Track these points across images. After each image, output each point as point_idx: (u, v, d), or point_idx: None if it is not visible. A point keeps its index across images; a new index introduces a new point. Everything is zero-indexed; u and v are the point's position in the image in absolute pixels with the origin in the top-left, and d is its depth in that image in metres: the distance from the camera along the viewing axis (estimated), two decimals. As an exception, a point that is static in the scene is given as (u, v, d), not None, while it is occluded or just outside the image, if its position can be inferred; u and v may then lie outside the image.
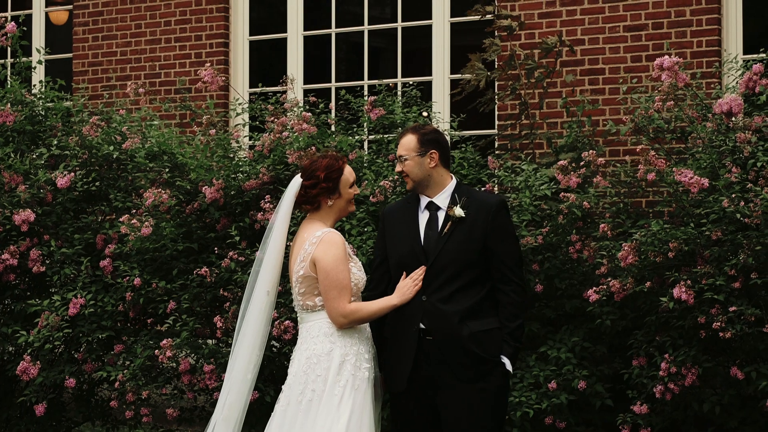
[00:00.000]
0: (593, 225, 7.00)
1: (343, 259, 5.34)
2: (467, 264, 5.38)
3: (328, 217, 5.48)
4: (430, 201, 5.52)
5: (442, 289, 5.38)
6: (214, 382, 6.98)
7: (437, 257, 5.41)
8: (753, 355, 6.54)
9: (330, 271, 5.31)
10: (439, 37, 9.41)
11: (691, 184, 6.43)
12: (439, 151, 5.52)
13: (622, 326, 6.87)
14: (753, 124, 6.71)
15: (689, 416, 6.68)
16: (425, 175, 5.50)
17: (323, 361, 5.35)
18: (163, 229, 7.30)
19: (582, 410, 6.91)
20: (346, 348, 5.36)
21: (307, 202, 5.49)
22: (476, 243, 5.39)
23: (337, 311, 5.32)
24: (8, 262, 7.32)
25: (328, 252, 5.32)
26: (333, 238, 5.36)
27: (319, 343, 5.37)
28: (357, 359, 5.37)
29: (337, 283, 5.31)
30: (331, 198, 5.45)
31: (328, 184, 5.43)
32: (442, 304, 5.38)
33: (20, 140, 7.99)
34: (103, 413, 8.02)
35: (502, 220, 5.46)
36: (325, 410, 5.30)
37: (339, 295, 5.31)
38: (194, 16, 10.19)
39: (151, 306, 7.40)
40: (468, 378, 5.36)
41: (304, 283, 5.42)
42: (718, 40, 8.47)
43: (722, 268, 6.37)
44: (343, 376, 5.33)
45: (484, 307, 5.41)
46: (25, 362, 7.19)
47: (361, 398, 5.32)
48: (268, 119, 7.58)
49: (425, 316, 5.40)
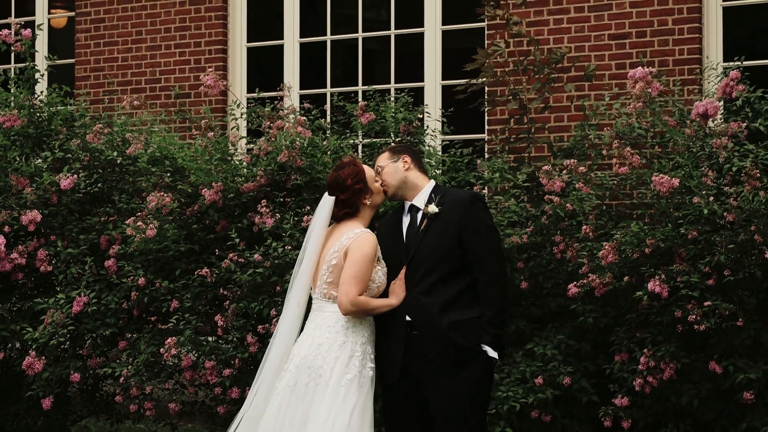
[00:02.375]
0: (576, 226, 7.27)
1: (371, 257, 5.69)
2: (444, 257, 5.69)
3: (364, 217, 5.86)
4: (410, 204, 5.85)
5: (423, 282, 5.70)
6: (214, 377, 7.23)
7: (416, 252, 5.73)
8: (730, 350, 6.82)
9: (356, 262, 5.65)
10: (431, 44, 9.68)
11: (661, 183, 6.70)
12: (411, 156, 5.89)
13: (604, 324, 7.14)
14: (729, 130, 6.99)
15: (668, 409, 6.96)
16: (401, 178, 5.85)
17: (335, 350, 5.66)
18: (166, 231, 7.56)
19: (567, 404, 7.18)
20: (357, 345, 5.70)
21: (348, 209, 5.83)
22: (452, 236, 5.70)
23: (348, 297, 5.64)
24: (17, 261, 7.57)
25: (361, 247, 5.68)
26: (369, 238, 5.73)
27: (335, 334, 5.69)
28: (364, 357, 5.71)
29: (358, 274, 5.65)
30: (368, 197, 5.83)
31: (360, 185, 5.81)
32: (424, 296, 5.69)
33: (25, 144, 8.24)
34: (107, 407, 8.25)
35: (476, 212, 5.74)
36: (331, 398, 5.60)
37: (356, 284, 5.64)
38: (193, 24, 10.45)
39: (154, 304, 7.67)
40: (451, 367, 5.64)
41: (334, 272, 5.76)
42: (699, 48, 8.74)
43: (697, 266, 6.66)
44: (351, 370, 5.65)
45: (464, 298, 5.70)
46: (31, 357, 7.43)
47: (365, 395, 5.65)
48: (265, 124, 7.85)
49: (409, 309, 5.71)
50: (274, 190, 7.60)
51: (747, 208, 6.54)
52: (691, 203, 6.73)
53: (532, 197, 7.54)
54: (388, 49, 9.94)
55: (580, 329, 7.20)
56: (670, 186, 6.69)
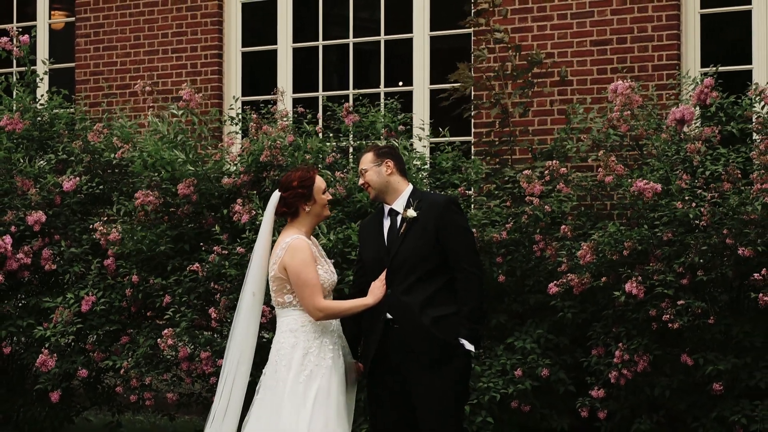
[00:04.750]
0: (556, 226, 7.59)
1: (309, 261, 6.00)
2: (423, 258, 6.02)
3: (305, 224, 6.13)
4: (390, 208, 6.18)
5: (403, 282, 6.03)
6: (210, 367, 7.55)
7: (396, 254, 6.05)
8: (701, 344, 7.16)
9: (300, 273, 5.97)
10: (420, 50, 10.00)
11: (645, 189, 7.04)
12: (394, 161, 6.19)
13: (582, 319, 7.48)
14: (703, 135, 7.32)
15: (642, 401, 7.30)
16: (383, 182, 6.16)
17: (288, 353, 6.01)
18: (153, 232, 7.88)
19: (546, 395, 7.52)
20: (309, 342, 6.02)
21: (287, 208, 6.15)
22: (429, 238, 6.02)
23: (313, 306, 5.97)
24: (23, 261, 7.92)
25: (295, 257, 5.99)
26: (299, 244, 6.03)
27: (286, 338, 6.05)
28: (320, 350, 6.03)
29: (307, 281, 5.97)
30: (308, 204, 6.12)
31: (303, 191, 6.10)
32: (404, 295, 6.02)
33: (29, 146, 8.55)
34: (108, 399, 8.60)
35: (451, 215, 6.07)
36: (291, 396, 5.94)
37: (312, 292, 5.96)
38: (190, 29, 10.74)
39: (149, 300, 7.99)
40: (431, 361, 5.97)
41: (276, 282, 6.09)
42: (677, 54, 9.04)
43: (672, 266, 6.99)
44: (307, 366, 5.98)
45: (442, 296, 6.02)
46: (44, 355, 7.77)
47: (325, 383, 5.98)
48: (251, 125, 8.19)
49: (391, 308, 6.04)
50: (254, 186, 7.89)
51: (720, 211, 6.87)
52: (667, 205, 7.05)
53: (514, 198, 7.86)
54: (380, 48, 10.25)
55: (559, 324, 7.53)
56: (654, 191, 7.01)
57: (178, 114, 8.32)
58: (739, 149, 7.29)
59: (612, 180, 7.27)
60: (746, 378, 7.06)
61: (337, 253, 7.46)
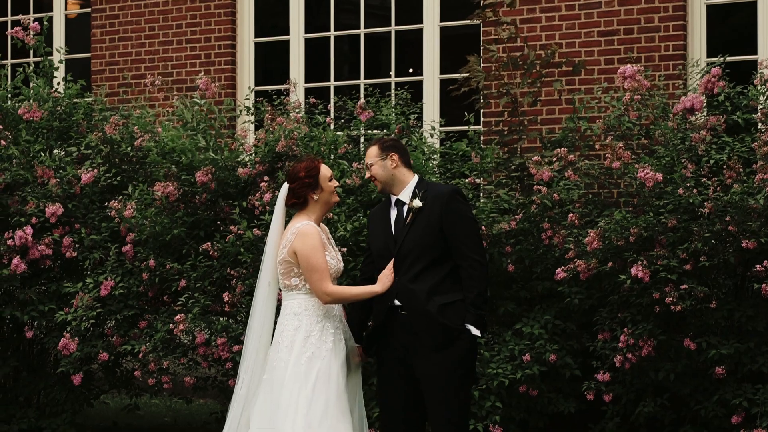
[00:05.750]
0: (564, 214, 7.74)
1: (318, 246, 6.21)
2: (428, 247, 6.22)
3: (314, 211, 6.34)
4: (397, 199, 6.38)
5: (410, 270, 6.23)
6: (225, 353, 7.73)
7: (402, 243, 6.25)
8: (704, 329, 7.33)
9: (309, 258, 6.19)
10: (430, 41, 10.15)
11: (646, 178, 7.20)
12: (398, 154, 6.38)
13: (588, 305, 7.64)
14: (708, 123, 7.47)
15: (647, 384, 7.48)
16: (389, 175, 6.36)
17: (291, 335, 6.24)
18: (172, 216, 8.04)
19: (553, 380, 7.70)
20: (312, 326, 6.24)
21: (295, 198, 6.36)
22: (434, 228, 6.22)
23: (321, 290, 6.19)
24: (45, 252, 8.14)
25: (305, 242, 6.20)
26: (309, 230, 6.24)
27: (289, 321, 6.28)
28: (322, 334, 6.25)
29: (316, 266, 6.19)
30: (316, 192, 6.33)
31: (309, 180, 6.32)
32: (411, 283, 6.22)
33: (49, 136, 8.73)
34: (127, 382, 8.81)
35: (454, 205, 6.26)
36: (293, 376, 6.16)
37: (321, 277, 6.18)
38: (203, 20, 10.91)
39: (165, 285, 8.17)
40: (437, 346, 6.18)
41: (283, 266, 6.31)
42: (684, 44, 9.16)
43: (676, 252, 7.15)
44: (309, 348, 6.20)
45: (447, 284, 6.22)
46: (66, 339, 7.97)
47: (326, 365, 6.19)
48: (267, 117, 8.35)
49: (398, 295, 6.26)
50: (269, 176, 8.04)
51: (723, 200, 7.03)
52: (672, 193, 7.20)
53: (523, 187, 8.03)
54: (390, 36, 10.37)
55: (566, 310, 7.70)
56: (655, 180, 7.16)
57: (200, 103, 8.49)
58: (744, 138, 7.43)
59: (619, 166, 7.42)
60: (748, 362, 7.23)
61: (353, 243, 7.63)
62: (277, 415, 6.14)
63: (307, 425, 6.09)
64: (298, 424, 6.09)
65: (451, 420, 6.20)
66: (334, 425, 6.14)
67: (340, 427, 6.16)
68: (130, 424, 9.67)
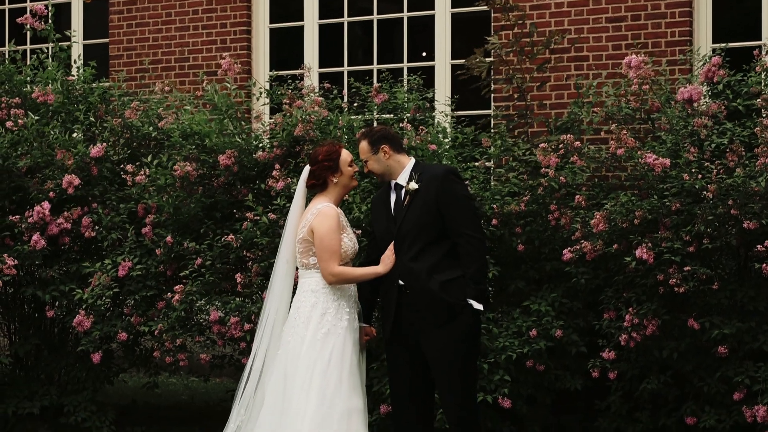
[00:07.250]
0: (570, 196, 7.91)
1: (335, 229, 6.47)
2: (426, 227, 6.46)
3: (333, 194, 6.61)
4: (395, 183, 6.62)
5: (410, 250, 6.48)
6: (238, 332, 7.88)
7: (401, 224, 6.50)
8: (707, 309, 7.50)
9: (324, 238, 6.44)
10: (441, 27, 10.32)
11: (655, 164, 7.37)
12: (389, 144, 6.61)
13: (594, 285, 7.82)
14: (709, 110, 7.64)
15: (651, 362, 7.67)
16: (385, 166, 6.62)
17: (308, 312, 6.50)
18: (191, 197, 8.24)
19: (560, 357, 7.89)
20: (328, 303, 6.50)
21: (315, 180, 6.61)
22: (431, 208, 6.46)
23: (327, 270, 6.46)
24: (63, 225, 8.29)
25: (323, 223, 6.46)
26: (328, 212, 6.50)
27: (306, 298, 6.54)
28: (337, 312, 6.50)
29: (329, 248, 6.44)
30: (335, 175, 6.59)
31: (329, 163, 6.60)
32: (412, 262, 6.46)
33: (65, 119, 8.90)
34: (145, 361, 9.02)
35: (449, 185, 6.49)
36: (308, 351, 6.42)
37: (330, 257, 6.44)
38: (219, 6, 11.08)
39: (182, 263, 8.33)
40: (441, 321, 6.41)
41: (303, 245, 6.57)
42: (689, 30, 9.31)
43: (680, 234, 7.32)
44: (324, 325, 6.47)
45: (447, 261, 6.46)
46: (80, 316, 8.19)
47: (341, 341, 6.45)
48: (285, 102, 8.52)
49: (401, 274, 6.50)
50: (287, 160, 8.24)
51: (726, 183, 7.20)
52: (676, 177, 7.37)
53: (531, 170, 8.20)
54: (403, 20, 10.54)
55: (573, 289, 7.88)
56: (663, 166, 7.34)
57: (231, 88, 8.67)
58: (745, 123, 7.59)
59: (623, 152, 7.59)
60: (750, 341, 7.40)
61: (367, 224, 7.83)
62: (293, 389, 6.36)
63: (320, 401, 6.31)
64: (312, 399, 6.32)
65: (459, 393, 6.43)
66: (345, 401, 6.36)
67: (352, 403, 6.39)
68: (149, 402, 9.90)
